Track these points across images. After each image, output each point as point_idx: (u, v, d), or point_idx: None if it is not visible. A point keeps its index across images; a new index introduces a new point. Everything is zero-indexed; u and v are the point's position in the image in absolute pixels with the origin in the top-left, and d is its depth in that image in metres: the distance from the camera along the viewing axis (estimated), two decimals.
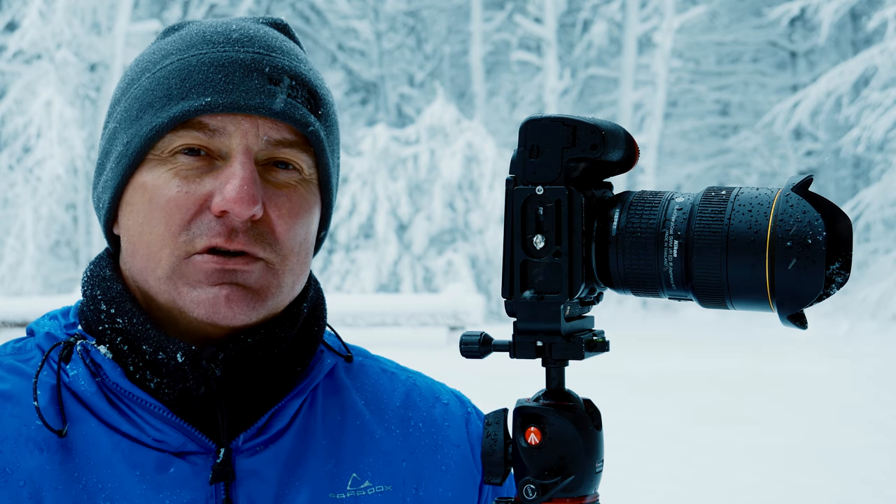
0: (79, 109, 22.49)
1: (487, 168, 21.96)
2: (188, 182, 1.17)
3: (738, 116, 31.53)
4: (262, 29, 1.25)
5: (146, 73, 1.22)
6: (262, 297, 1.19)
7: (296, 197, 1.21)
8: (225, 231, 1.16)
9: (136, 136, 1.19)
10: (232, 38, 1.22)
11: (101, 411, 1.19)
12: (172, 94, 1.18)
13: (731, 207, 0.96)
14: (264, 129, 1.19)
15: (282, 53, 1.23)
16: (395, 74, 31.94)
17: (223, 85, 1.18)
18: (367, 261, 21.76)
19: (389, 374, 1.38)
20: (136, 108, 1.21)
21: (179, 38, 1.24)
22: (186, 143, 1.18)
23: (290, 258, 1.21)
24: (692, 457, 8.35)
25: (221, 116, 1.18)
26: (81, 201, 23.37)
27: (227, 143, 1.18)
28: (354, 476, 1.26)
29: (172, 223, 1.17)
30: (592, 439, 1.02)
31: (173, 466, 1.17)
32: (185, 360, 1.17)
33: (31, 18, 21.43)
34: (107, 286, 1.23)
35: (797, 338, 17.27)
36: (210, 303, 1.17)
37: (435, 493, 1.30)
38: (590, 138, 0.99)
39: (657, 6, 26.17)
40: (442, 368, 4.02)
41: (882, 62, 19.36)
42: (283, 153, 1.20)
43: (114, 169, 1.22)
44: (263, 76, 1.19)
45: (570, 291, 1.00)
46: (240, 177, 1.15)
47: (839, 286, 0.95)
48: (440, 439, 1.33)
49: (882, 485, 7.42)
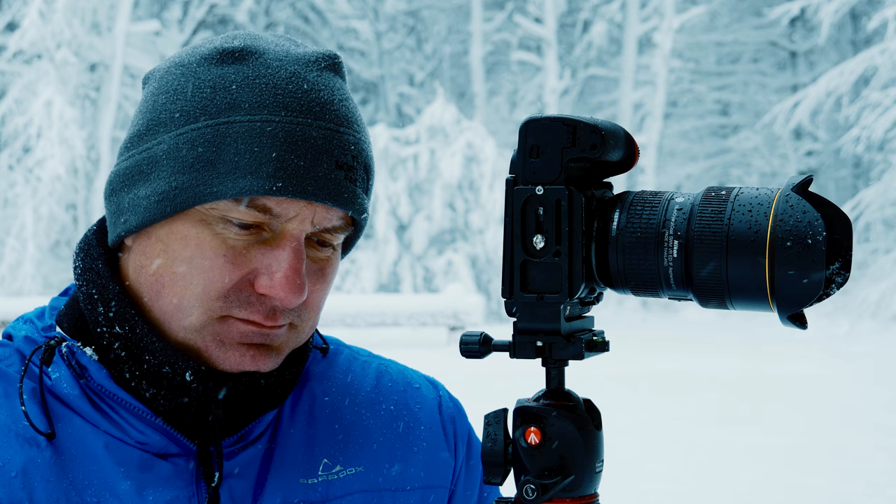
0: (79, 109, 22.48)
1: (487, 168, 21.96)
2: (235, 253, 1.15)
3: (738, 116, 31.53)
4: (328, 82, 1.19)
5: (206, 116, 1.15)
6: (282, 352, 1.21)
7: (329, 269, 1.21)
8: (265, 310, 1.16)
9: (189, 188, 1.14)
10: (304, 103, 1.16)
11: (85, 413, 1.19)
12: (240, 164, 1.13)
13: (731, 207, 0.96)
14: (320, 215, 1.17)
15: (348, 125, 1.19)
16: (395, 74, 31.94)
17: (294, 169, 1.13)
18: (367, 261, 21.76)
19: (361, 361, 1.39)
20: (192, 156, 1.14)
21: (247, 84, 1.16)
22: (243, 220, 1.14)
23: (313, 318, 1.22)
24: (692, 457, 8.35)
25: (286, 202, 1.14)
26: (81, 201, 23.37)
27: (283, 224, 1.16)
28: (325, 461, 1.27)
29: (211, 289, 1.15)
30: (592, 439, 1.02)
31: (156, 466, 1.19)
32: (193, 380, 1.17)
33: (31, 18, 21.42)
34: (102, 284, 1.21)
35: (797, 338, 17.27)
36: (236, 361, 1.17)
37: (407, 473, 1.31)
38: (590, 138, 0.99)
39: (657, 6, 26.17)
40: (442, 368, 4.02)
41: (882, 62, 19.36)
42: (328, 237, 1.19)
43: (152, 202, 1.16)
44: (332, 160, 1.15)
45: (570, 291, 1.00)
46: (291, 267, 1.14)
47: (839, 286, 0.95)
48: (412, 421, 1.35)
49: (882, 485, 7.42)
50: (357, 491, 1.27)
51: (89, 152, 23.00)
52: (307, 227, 1.16)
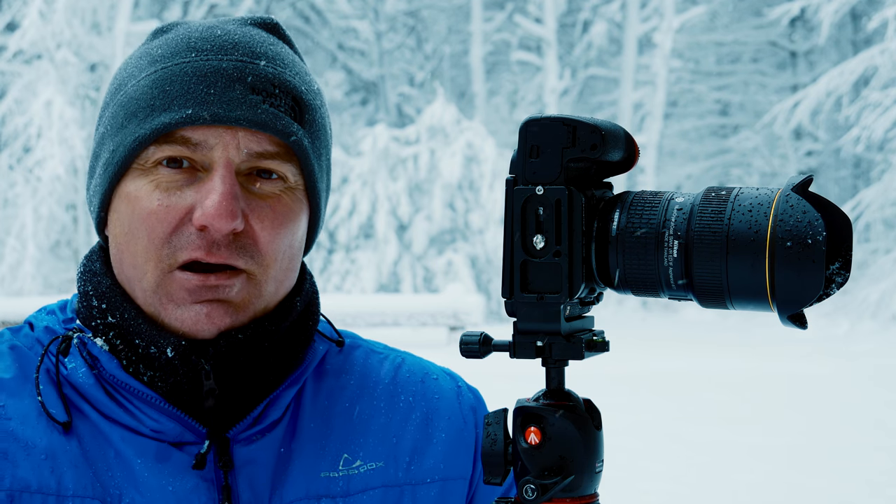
0: (79, 109, 22.47)
1: (487, 168, 21.95)
2: (169, 194, 1.18)
3: (738, 116, 31.53)
4: (249, 32, 1.25)
5: (132, 79, 1.23)
6: (243, 308, 1.21)
7: (279, 207, 1.21)
8: (206, 245, 1.17)
9: (120, 145, 1.20)
10: (216, 44, 1.21)
11: (100, 403, 1.21)
12: (155, 105, 1.19)
13: (731, 207, 0.96)
14: (245, 140, 1.19)
15: (266, 59, 1.23)
16: (395, 74, 31.93)
17: (204, 96, 1.18)
18: (367, 261, 21.75)
19: (378, 353, 1.40)
20: (121, 115, 1.22)
21: (165, 43, 1.24)
22: (168, 156, 1.19)
23: (273, 267, 1.21)
24: (692, 457, 8.35)
25: (203, 129, 1.18)
26: (81, 201, 23.35)
27: (209, 155, 1.18)
28: (346, 456, 1.27)
29: (154, 236, 1.18)
30: (592, 439, 1.02)
31: (173, 457, 1.20)
32: (174, 356, 1.19)
33: (31, 18, 21.42)
34: (97, 281, 1.25)
35: (797, 338, 17.27)
36: (192, 321, 1.18)
37: (427, 466, 1.31)
38: (590, 138, 0.99)
39: (657, 6, 26.16)
40: None
41: (882, 62, 19.35)
42: (265, 164, 1.20)
43: (101, 175, 1.24)
44: (245, 86, 1.19)
45: (570, 291, 1.00)
46: (219, 192, 1.16)
47: (839, 286, 0.95)
48: (430, 412, 1.35)
49: (882, 485, 7.42)
50: (378, 486, 1.28)
51: (89, 152, 22.96)
52: (233, 153, 1.18)
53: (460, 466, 1.33)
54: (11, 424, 1.18)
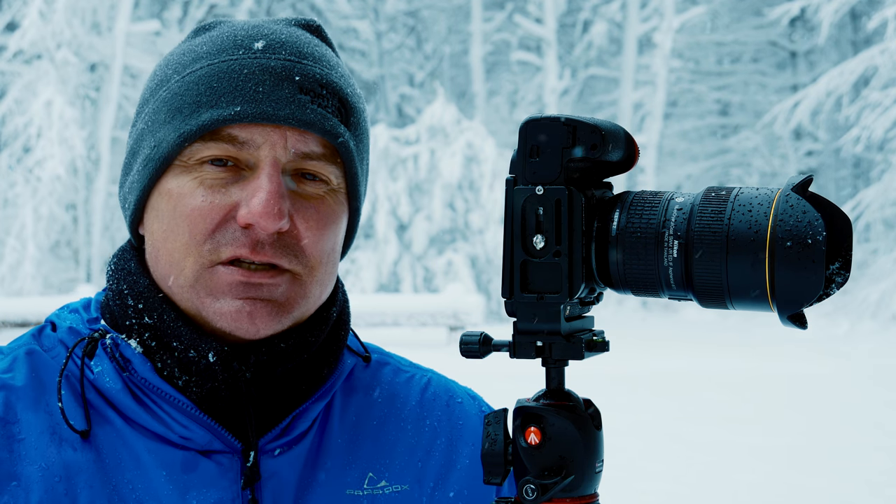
0: (79, 109, 22.47)
1: (487, 168, 21.95)
2: (214, 192, 1.16)
3: (738, 116, 31.53)
4: (294, 33, 1.23)
5: (176, 75, 1.20)
6: (288, 309, 1.18)
7: (323, 208, 1.20)
8: (250, 243, 1.15)
9: (163, 141, 1.18)
10: (263, 43, 1.19)
11: (128, 409, 1.18)
12: (201, 101, 1.16)
13: (731, 207, 0.96)
14: (293, 140, 1.17)
15: (313, 60, 1.21)
16: (395, 74, 31.93)
17: (252, 94, 1.16)
18: (367, 261, 21.75)
19: (405, 372, 1.38)
20: (164, 111, 1.19)
21: (210, 40, 1.21)
22: (214, 154, 1.16)
23: (318, 269, 1.20)
24: (692, 457, 8.35)
25: (250, 127, 1.16)
26: (81, 201, 23.36)
27: (255, 154, 1.16)
28: (371, 475, 1.26)
29: (196, 232, 1.16)
30: (592, 439, 1.02)
31: (200, 466, 1.17)
32: (216, 361, 1.17)
33: (31, 18, 21.41)
34: (133, 280, 1.22)
35: (797, 338, 17.27)
36: (233, 316, 1.16)
37: (451, 492, 1.30)
38: (590, 138, 0.99)
39: (657, 6, 26.16)
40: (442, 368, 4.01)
41: (882, 62, 19.35)
42: (311, 165, 1.19)
43: (140, 171, 1.21)
44: (294, 85, 1.17)
45: (570, 291, 1.00)
46: (266, 190, 1.14)
47: (839, 286, 0.95)
48: (455, 438, 1.34)
49: (882, 485, 7.42)
50: None
51: (89, 152, 22.99)
52: (280, 153, 1.17)
53: (483, 493, 1.32)
54: (25, 445, 1.15)
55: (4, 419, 1.16)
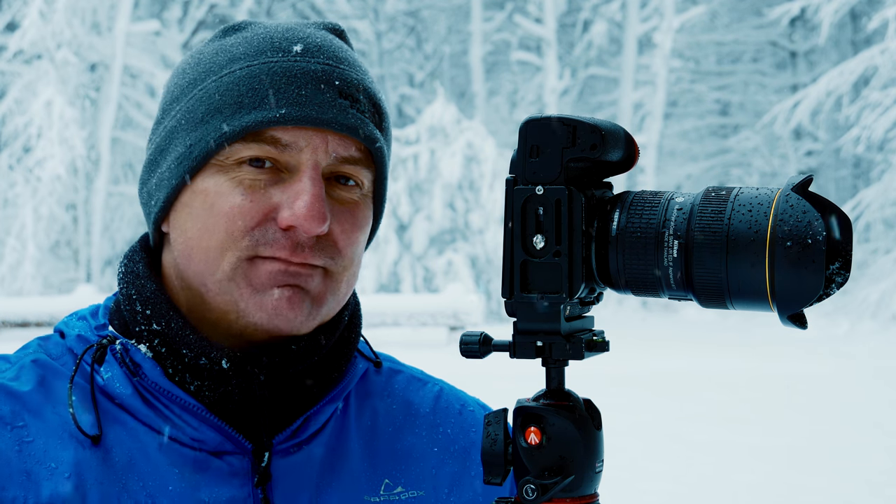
0: (79, 109, 22.48)
1: (487, 168, 21.95)
2: (253, 192, 1.16)
3: (738, 116, 31.53)
4: (327, 37, 1.23)
5: (212, 75, 1.20)
6: (320, 302, 1.20)
7: (358, 213, 1.21)
8: (291, 245, 1.16)
9: (201, 140, 1.18)
10: (301, 46, 1.20)
11: (138, 412, 1.19)
12: (243, 103, 1.16)
13: (731, 207, 0.96)
14: (333, 144, 1.18)
15: (349, 65, 1.22)
16: (395, 74, 31.93)
17: (296, 97, 1.16)
18: (366, 261, 21.75)
19: (418, 380, 1.39)
20: (201, 110, 1.19)
21: (245, 42, 1.21)
22: (255, 155, 1.17)
23: (349, 268, 1.22)
24: (692, 457, 8.35)
25: (293, 130, 1.16)
26: (81, 201, 23.36)
27: (297, 157, 1.17)
28: (387, 481, 1.27)
29: (234, 229, 1.16)
30: (592, 439, 1.02)
31: (211, 466, 1.18)
32: (230, 366, 1.18)
33: (31, 18, 21.42)
34: (140, 284, 1.22)
35: (797, 338, 17.27)
36: (273, 306, 1.16)
37: (465, 498, 1.31)
38: (590, 138, 0.99)
39: (657, 6, 26.16)
40: (442, 368, 4.01)
41: (882, 62, 19.36)
42: (347, 169, 1.20)
43: (172, 169, 1.20)
44: (334, 89, 1.18)
45: (570, 291, 1.00)
46: (311, 193, 1.15)
47: (839, 286, 0.95)
48: (468, 445, 1.35)
49: (882, 484, 7.42)
50: None
51: (89, 152, 22.99)
52: (321, 156, 1.18)
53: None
54: (34, 446, 1.15)
55: (12, 424, 1.16)
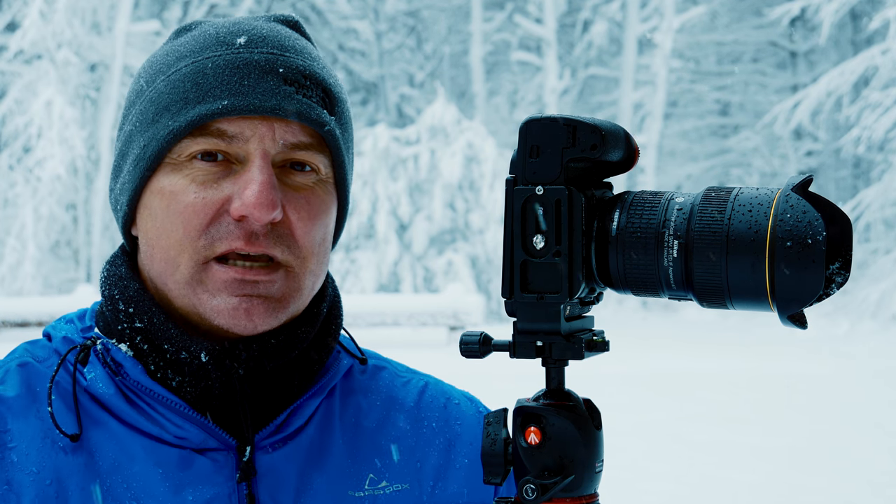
0: (79, 109, 22.48)
1: (487, 168, 21.95)
2: (206, 187, 1.17)
3: (738, 116, 31.53)
4: (275, 28, 1.25)
5: (161, 75, 1.22)
6: (284, 304, 1.20)
7: (314, 198, 1.21)
8: (244, 235, 1.16)
9: (152, 139, 1.19)
10: (245, 38, 1.21)
11: (121, 412, 1.19)
12: (188, 98, 1.18)
13: (731, 207, 0.96)
14: (280, 131, 1.19)
15: (295, 53, 1.23)
16: (395, 74, 31.93)
17: (238, 87, 1.18)
18: (367, 261, 21.75)
19: (402, 376, 1.39)
20: (151, 111, 1.20)
21: (192, 40, 1.23)
22: (203, 149, 1.18)
23: (310, 260, 1.21)
24: (693, 457, 8.35)
25: (238, 121, 1.17)
26: (81, 201, 23.37)
27: (245, 147, 1.18)
28: (371, 476, 1.27)
29: (190, 228, 1.17)
30: (592, 439, 1.02)
31: (195, 463, 1.18)
32: (209, 360, 1.18)
33: (31, 18, 21.43)
34: (123, 285, 1.23)
35: (797, 338, 17.26)
36: (230, 313, 1.17)
37: (451, 491, 1.31)
38: (590, 138, 0.99)
39: (657, 6, 26.16)
40: (442, 368, 4.01)
41: (882, 62, 19.36)
42: (300, 155, 1.20)
43: (131, 172, 1.22)
44: (278, 77, 1.19)
45: (570, 291, 1.00)
46: (259, 181, 1.15)
47: (839, 286, 0.95)
48: (453, 437, 1.35)
49: (883, 485, 7.42)
50: None
51: (89, 152, 22.99)
52: (269, 144, 1.18)
53: (483, 492, 1.33)
54: (15, 453, 1.16)
55: None
